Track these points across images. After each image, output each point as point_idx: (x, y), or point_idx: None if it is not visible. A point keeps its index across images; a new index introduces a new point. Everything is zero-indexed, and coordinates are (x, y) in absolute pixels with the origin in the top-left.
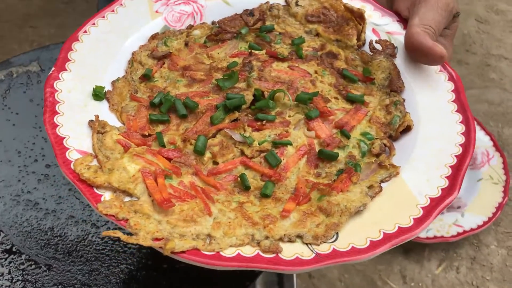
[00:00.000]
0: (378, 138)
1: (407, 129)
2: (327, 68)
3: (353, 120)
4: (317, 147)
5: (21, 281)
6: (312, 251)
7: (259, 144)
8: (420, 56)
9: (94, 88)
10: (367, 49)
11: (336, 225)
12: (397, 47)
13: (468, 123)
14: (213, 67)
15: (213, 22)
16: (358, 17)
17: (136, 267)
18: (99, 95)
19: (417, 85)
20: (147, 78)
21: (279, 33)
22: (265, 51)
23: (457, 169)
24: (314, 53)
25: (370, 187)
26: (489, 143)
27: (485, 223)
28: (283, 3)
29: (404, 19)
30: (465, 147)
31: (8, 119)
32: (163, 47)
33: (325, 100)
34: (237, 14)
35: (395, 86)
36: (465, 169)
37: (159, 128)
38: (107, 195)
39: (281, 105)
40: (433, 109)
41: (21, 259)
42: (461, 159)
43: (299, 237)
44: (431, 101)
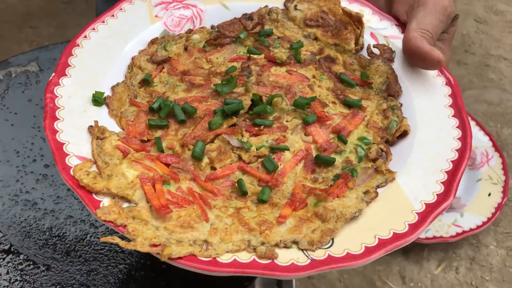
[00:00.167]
0: (375, 143)
1: (404, 134)
2: (325, 72)
3: (350, 125)
4: (314, 152)
5: (20, 281)
6: (307, 257)
7: (257, 149)
8: (417, 60)
9: (93, 93)
10: (365, 53)
11: (331, 231)
12: (395, 52)
13: (464, 128)
14: (212, 72)
15: (212, 26)
16: (356, 21)
17: (134, 267)
18: (98, 100)
19: (415, 89)
20: (147, 83)
21: (278, 37)
22: (263, 56)
23: (452, 175)
24: (312, 58)
25: (366, 192)
26: (488, 143)
27: (484, 224)
28: (282, 7)
29: (402, 23)
30: (461, 153)
31: (6, 119)
32: (162, 52)
33: (323, 104)
34: (236, 18)
35: (392, 90)
36: (460, 174)
37: (158, 133)
38: (106, 201)
39: (279, 110)
40: (430, 114)
41: (20, 259)
42: (457, 164)
43: (295, 243)
44: (428, 106)
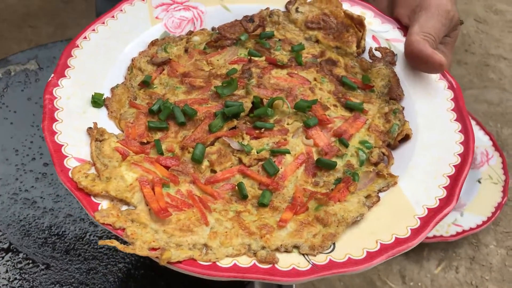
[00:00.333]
0: (376, 146)
1: (406, 138)
2: (327, 75)
3: (352, 128)
4: (315, 155)
5: (19, 280)
6: (308, 261)
7: (257, 152)
8: (419, 64)
9: (93, 95)
10: (366, 56)
11: (333, 235)
12: (396, 55)
13: (467, 132)
14: (212, 74)
15: (213, 28)
16: (358, 24)
17: (134, 266)
18: (98, 102)
19: (417, 93)
20: (147, 84)
21: (279, 40)
22: (264, 58)
23: (455, 180)
24: (313, 60)
25: (367, 196)
26: (488, 143)
27: (484, 223)
28: (283, 9)
29: (404, 26)
30: (464, 157)
31: (5, 118)
32: (162, 54)
33: (324, 108)
34: (237, 20)
35: (394, 94)
36: (463, 179)
37: (158, 135)
38: (104, 204)
39: (279, 113)
40: (432, 117)
41: (19, 258)
42: (460, 169)
43: (296, 247)
44: (430, 110)
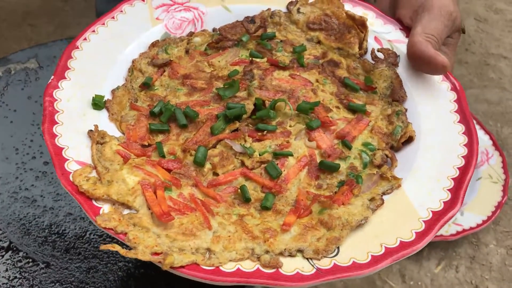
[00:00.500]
0: (380, 148)
1: (409, 140)
2: (329, 76)
3: (355, 130)
4: (318, 158)
5: (19, 279)
6: (312, 266)
7: (260, 154)
8: (422, 65)
9: (93, 97)
10: (369, 57)
11: (337, 239)
12: (399, 56)
13: (470, 134)
14: (213, 76)
15: (214, 29)
16: (360, 25)
17: (134, 265)
18: (98, 104)
19: (419, 94)
20: (147, 86)
21: (281, 41)
22: (266, 59)
23: (459, 182)
24: (315, 61)
25: (371, 199)
26: (488, 142)
27: (484, 222)
28: (284, 10)
29: (406, 27)
30: (468, 159)
31: (5, 116)
32: (163, 55)
33: (327, 109)
34: (238, 21)
35: (397, 95)
36: (467, 181)
37: (159, 138)
38: (106, 208)
39: (282, 115)
40: (435, 119)
41: (19, 256)
42: (464, 171)
43: (300, 251)
44: (433, 111)
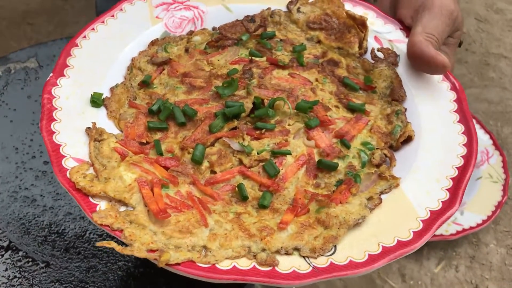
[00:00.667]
0: (378, 148)
1: (408, 140)
2: (328, 76)
3: (354, 129)
4: (317, 156)
5: (18, 278)
6: (309, 264)
7: (258, 153)
8: (422, 65)
9: (92, 94)
10: (368, 57)
11: (334, 238)
12: (399, 56)
13: (470, 134)
14: (213, 74)
15: (214, 28)
16: (360, 25)
17: (133, 264)
18: (97, 101)
19: (419, 94)
20: (146, 84)
21: (280, 40)
22: (265, 58)
23: (458, 181)
24: (315, 61)
25: (369, 199)
26: (488, 142)
27: (484, 222)
28: (284, 9)
29: (407, 27)
30: (467, 159)
31: (5, 116)
32: (163, 53)
33: (326, 108)
34: (238, 20)
35: (396, 95)
36: (466, 181)
37: (157, 135)
38: (102, 205)
39: (281, 114)
40: (434, 119)
41: (18, 256)
42: (463, 171)
43: (297, 249)
44: (433, 111)
